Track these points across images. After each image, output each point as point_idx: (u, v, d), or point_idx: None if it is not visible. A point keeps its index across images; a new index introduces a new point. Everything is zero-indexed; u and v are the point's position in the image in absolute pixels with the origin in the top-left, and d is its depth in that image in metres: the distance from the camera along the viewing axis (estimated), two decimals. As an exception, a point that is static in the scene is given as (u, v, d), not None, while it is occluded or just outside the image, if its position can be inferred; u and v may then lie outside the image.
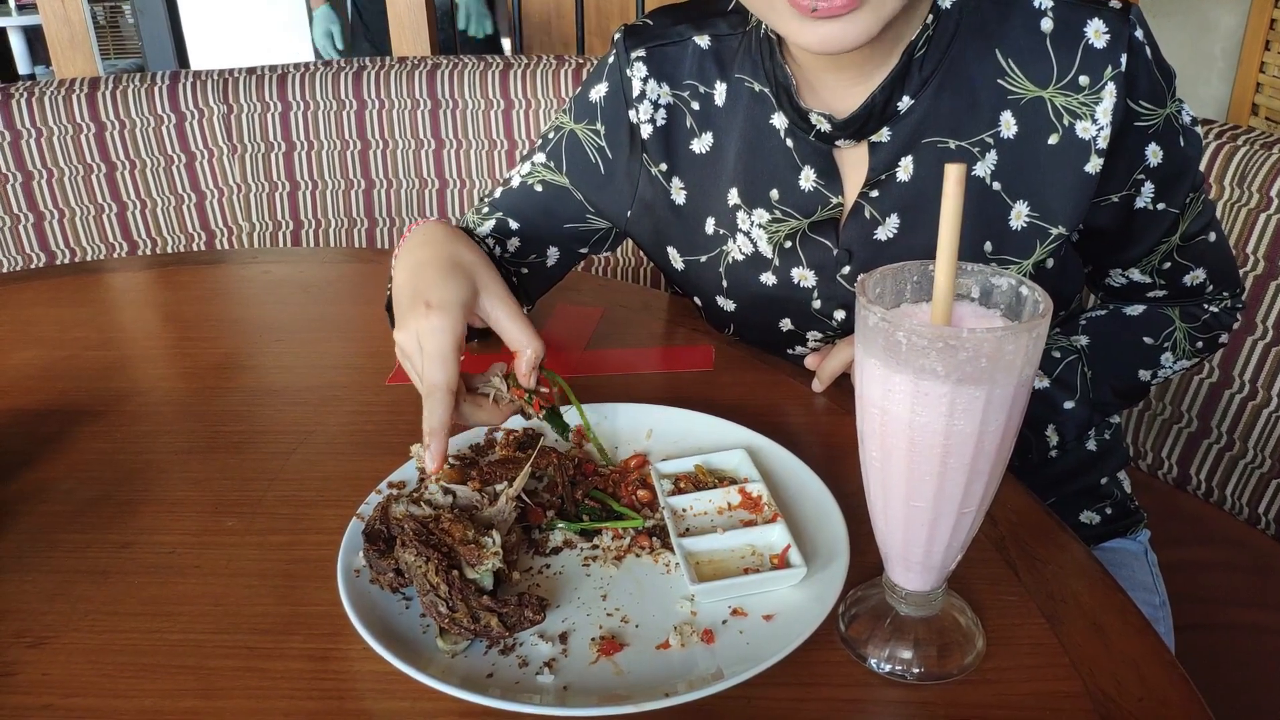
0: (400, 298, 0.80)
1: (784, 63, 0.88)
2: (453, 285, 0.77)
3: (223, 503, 0.79)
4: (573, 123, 1.01)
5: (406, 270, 0.81)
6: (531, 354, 0.77)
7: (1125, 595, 0.67)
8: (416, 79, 1.74)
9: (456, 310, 0.75)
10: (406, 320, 0.76)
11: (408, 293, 0.78)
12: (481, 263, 0.80)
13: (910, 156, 0.88)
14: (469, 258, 0.80)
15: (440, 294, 0.76)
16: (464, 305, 0.76)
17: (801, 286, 0.94)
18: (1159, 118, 0.84)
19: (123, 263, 1.49)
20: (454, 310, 0.75)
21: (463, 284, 0.78)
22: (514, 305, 0.79)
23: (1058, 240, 0.87)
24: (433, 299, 0.76)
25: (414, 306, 0.76)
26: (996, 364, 0.52)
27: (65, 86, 1.75)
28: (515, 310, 0.78)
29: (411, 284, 0.79)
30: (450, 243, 0.82)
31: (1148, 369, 0.98)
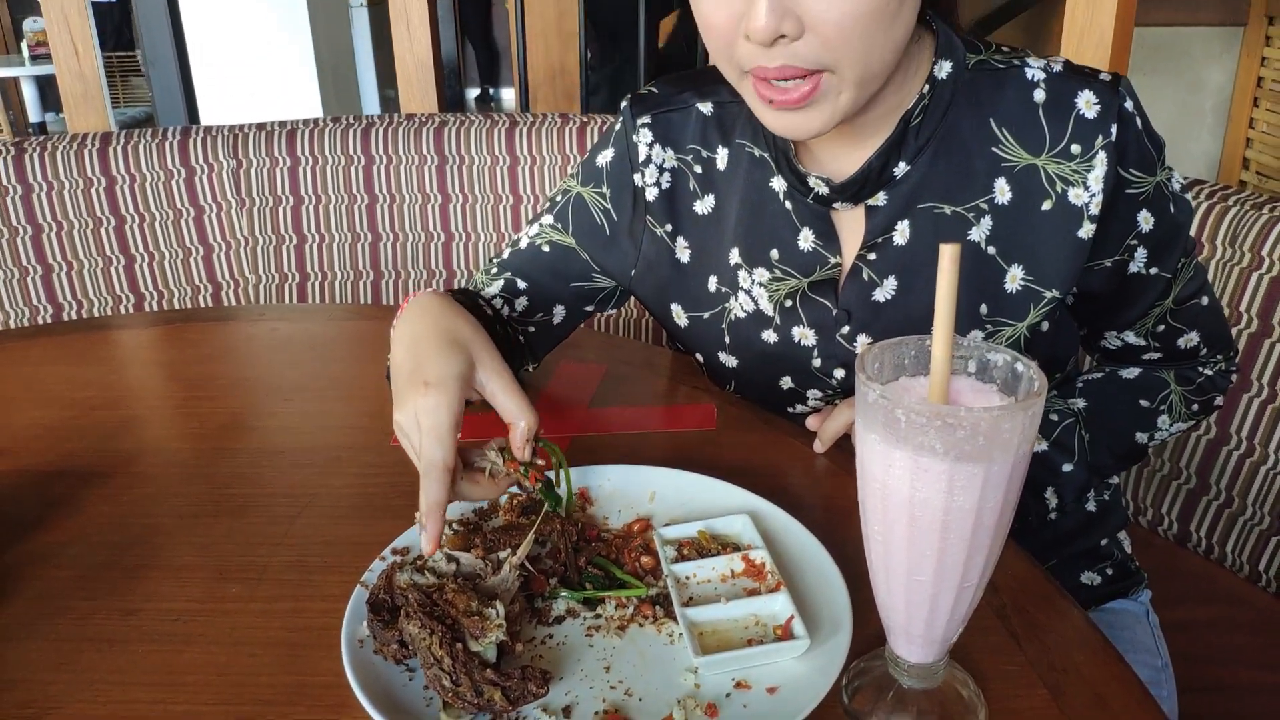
0: (398, 375, 0.81)
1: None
2: (449, 360, 0.78)
3: (228, 568, 0.79)
4: (579, 186, 1.03)
5: (403, 345, 0.82)
6: (525, 426, 0.77)
7: (1127, 665, 0.67)
8: (424, 135, 1.77)
9: (454, 386, 0.76)
10: (405, 399, 0.77)
11: (406, 370, 0.79)
12: (477, 336, 0.82)
13: (906, 221, 0.89)
14: (465, 332, 0.82)
15: (437, 370, 0.77)
16: (461, 380, 0.77)
17: (802, 345, 0.95)
18: (1149, 185, 0.86)
19: (131, 319, 1.50)
20: (451, 387, 0.76)
21: (459, 358, 0.78)
22: (509, 378, 0.80)
23: (1052, 303, 0.89)
24: (430, 376, 0.76)
25: (412, 384, 0.77)
26: (994, 441, 0.53)
27: (77, 141, 1.77)
28: (510, 383, 0.79)
29: (409, 360, 0.80)
30: (446, 316, 0.83)
31: (1145, 432, 0.99)
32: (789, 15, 0.74)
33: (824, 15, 0.74)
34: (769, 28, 0.73)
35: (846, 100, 0.79)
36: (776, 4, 0.73)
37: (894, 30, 0.77)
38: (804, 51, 0.75)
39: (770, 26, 0.73)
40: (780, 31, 0.74)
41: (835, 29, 0.74)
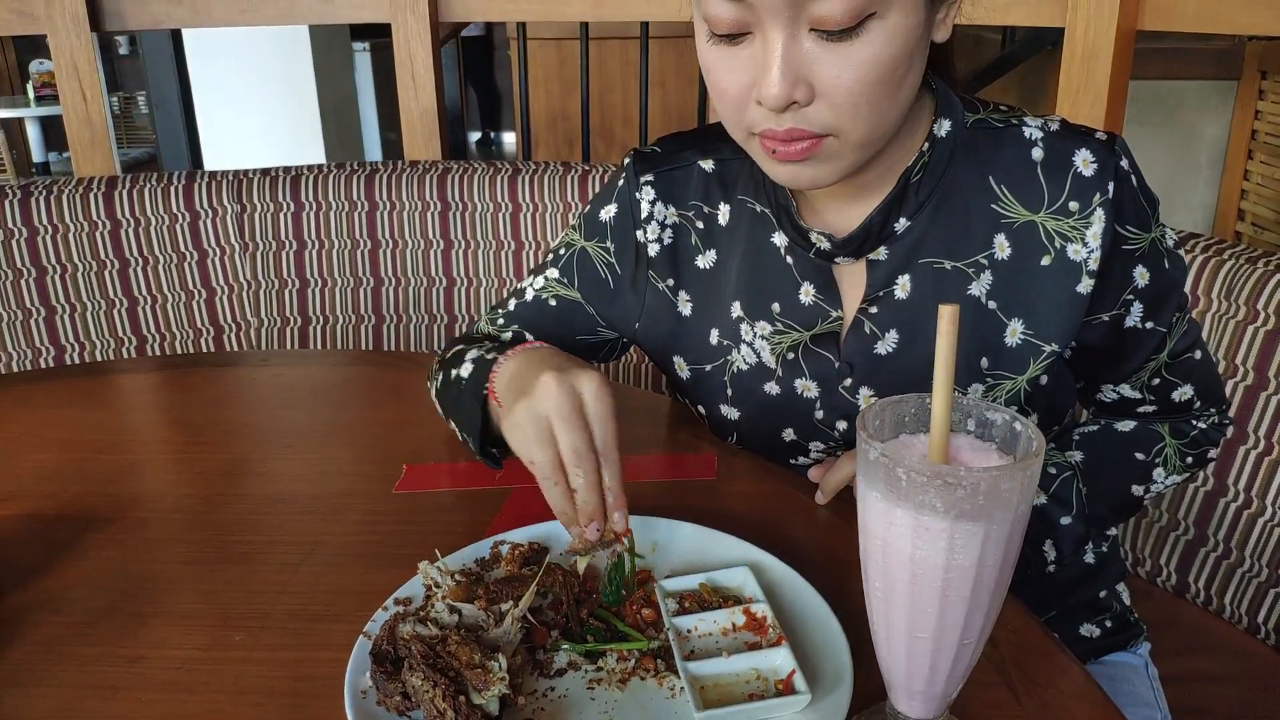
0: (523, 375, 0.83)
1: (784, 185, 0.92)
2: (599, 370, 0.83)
3: (231, 616, 0.80)
4: (583, 240, 1.05)
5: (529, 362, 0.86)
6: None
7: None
8: (428, 182, 1.79)
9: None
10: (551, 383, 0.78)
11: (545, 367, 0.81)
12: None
13: (907, 275, 0.91)
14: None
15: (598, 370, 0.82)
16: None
17: (804, 397, 0.96)
18: (1145, 241, 0.88)
19: (134, 363, 1.51)
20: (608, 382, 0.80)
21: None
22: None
23: (1051, 357, 0.90)
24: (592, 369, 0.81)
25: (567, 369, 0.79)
26: (994, 501, 0.54)
27: (83, 185, 1.79)
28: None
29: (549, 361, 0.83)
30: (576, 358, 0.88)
31: (1140, 484, 1.00)
32: (801, 82, 0.76)
33: (836, 82, 0.76)
34: (782, 95, 0.75)
35: (849, 160, 0.82)
36: (789, 71, 0.75)
37: (900, 95, 0.80)
38: (813, 116, 0.78)
39: (783, 94, 0.75)
40: (793, 99, 0.76)
41: (845, 95, 0.76)
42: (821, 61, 0.76)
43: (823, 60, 0.76)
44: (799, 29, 0.75)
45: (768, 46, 0.76)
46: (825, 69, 0.75)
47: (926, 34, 0.80)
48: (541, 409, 0.77)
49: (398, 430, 1.13)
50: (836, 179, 0.83)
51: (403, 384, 1.27)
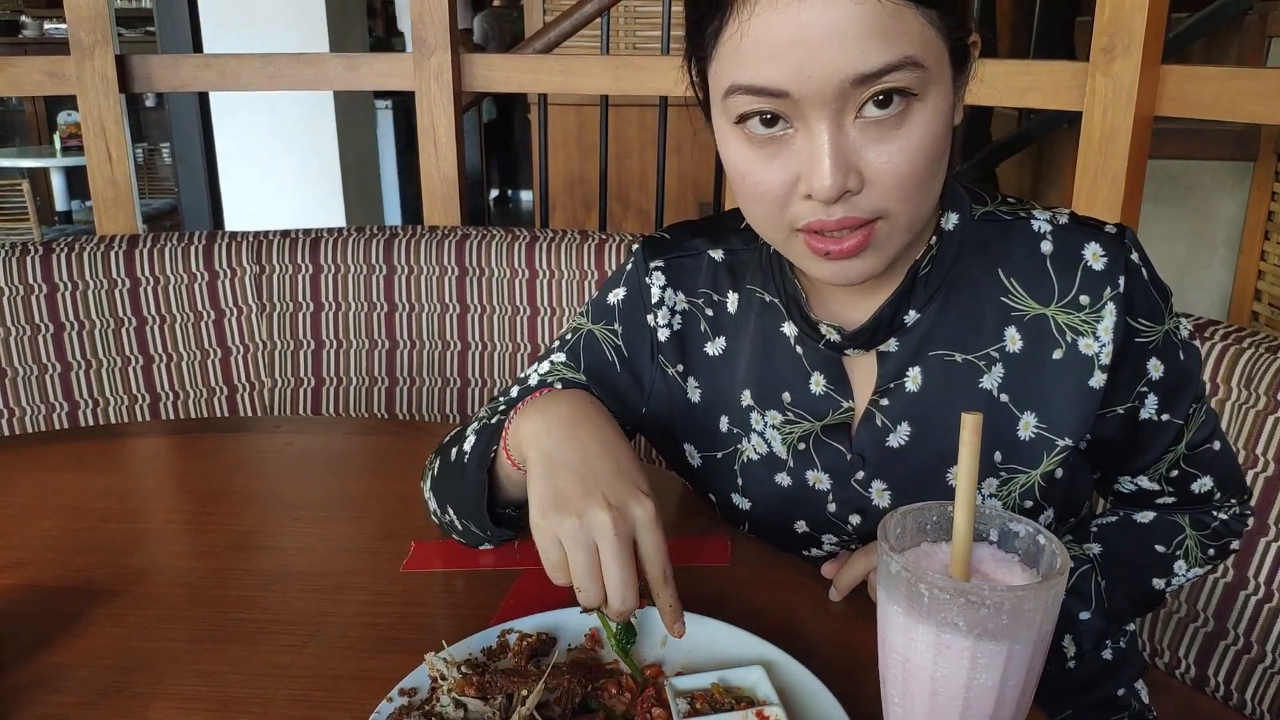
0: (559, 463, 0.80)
1: (794, 277, 0.92)
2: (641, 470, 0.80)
3: (233, 700, 0.78)
4: (590, 323, 1.04)
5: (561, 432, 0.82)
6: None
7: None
8: (446, 247, 1.81)
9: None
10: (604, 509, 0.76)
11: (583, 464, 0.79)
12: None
13: (918, 368, 0.90)
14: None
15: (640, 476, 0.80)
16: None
17: (816, 489, 0.95)
18: (1158, 334, 0.88)
19: (148, 427, 1.51)
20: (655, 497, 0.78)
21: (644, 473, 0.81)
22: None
23: (1065, 451, 0.89)
24: (643, 484, 0.79)
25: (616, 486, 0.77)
26: (1017, 620, 0.52)
27: (105, 243, 1.81)
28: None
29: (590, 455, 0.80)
30: (608, 423, 0.85)
31: (1161, 578, 0.98)
32: (852, 171, 0.75)
33: (885, 166, 0.75)
34: (836, 185, 0.74)
35: (897, 244, 0.80)
36: (841, 161, 0.74)
37: (941, 175, 0.80)
38: (863, 202, 0.76)
39: (837, 184, 0.74)
40: (846, 188, 0.75)
41: (895, 178, 0.75)
42: (870, 149, 0.75)
43: (871, 148, 0.75)
44: (845, 118, 0.74)
45: (814, 140, 0.75)
46: (875, 156, 0.75)
47: (954, 114, 0.80)
48: (592, 539, 0.76)
49: (407, 504, 1.12)
50: (879, 270, 0.81)
51: (414, 454, 1.26)
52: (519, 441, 0.85)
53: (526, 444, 0.83)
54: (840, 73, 0.72)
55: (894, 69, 0.72)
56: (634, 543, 0.77)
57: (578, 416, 0.84)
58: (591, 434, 0.82)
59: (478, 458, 0.92)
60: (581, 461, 0.80)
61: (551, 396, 0.87)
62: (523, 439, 0.84)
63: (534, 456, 0.82)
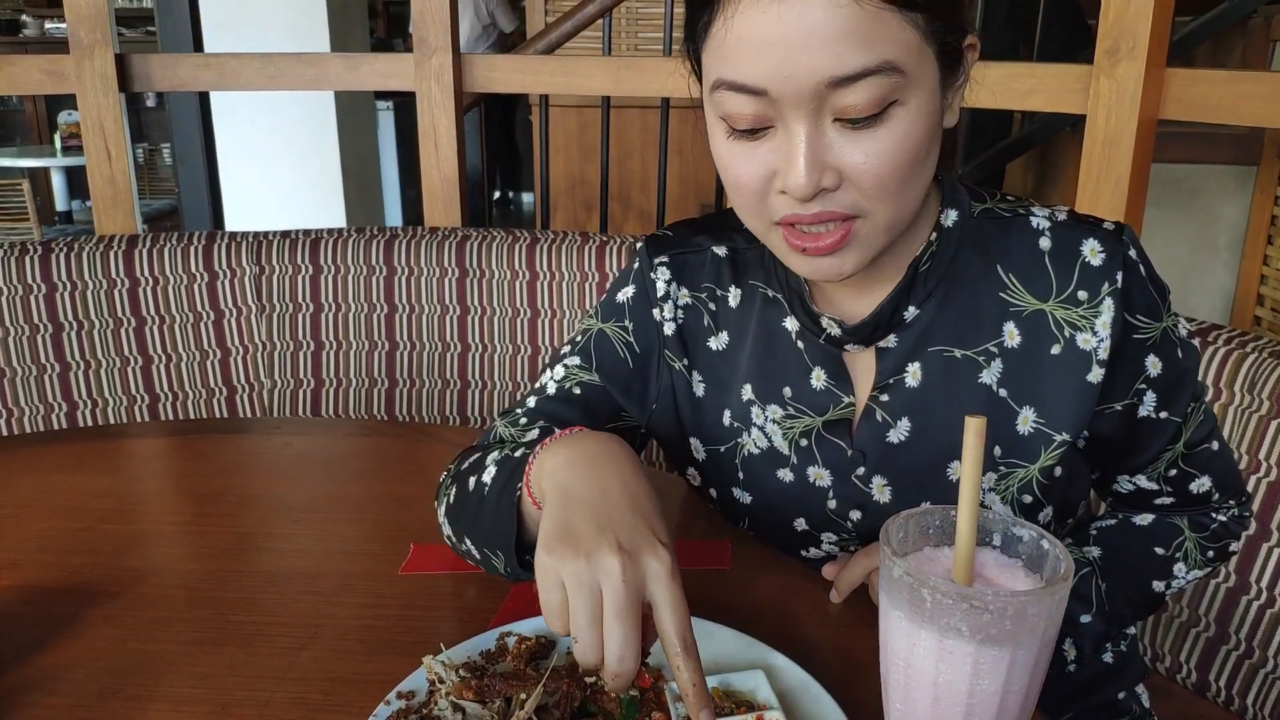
0: (577, 501, 0.73)
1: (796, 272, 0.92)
2: (662, 521, 0.73)
3: (230, 703, 0.78)
4: (600, 323, 1.04)
5: (583, 471, 0.76)
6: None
7: None
8: (446, 248, 1.80)
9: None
10: (615, 553, 0.68)
11: (602, 501, 0.73)
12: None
13: (918, 363, 0.90)
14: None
15: (660, 526, 0.72)
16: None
17: (817, 486, 0.95)
18: (1156, 331, 0.88)
19: (146, 428, 1.50)
20: (673, 551, 0.70)
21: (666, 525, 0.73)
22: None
23: (1063, 446, 0.89)
24: (663, 534, 0.71)
25: (634, 531, 0.70)
26: (1020, 625, 0.52)
27: (104, 243, 1.80)
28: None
29: (611, 496, 0.74)
30: (634, 467, 0.78)
31: (1161, 580, 0.98)
32: (828, 170, 0.76)
33: (862, 167, 0.75)
34: (810, 184, 0.75)
35: (877, 243, 0.81)
36: (816, 161, 0.75)
37: (923, 174, 0.80)
38: (841, 199, 0.77)
39: (811, 183, 0.75)
40: (820, 186, 0.76)
41: (873, 178, 0.76)
42: (847, 149, 0.75)
43: (848, 148, 0.75)
44: (823, 119, 0.75)
45: (791, 138, 0.76)
46: (851, 156, 0.75)
47: (941, 117, 0.80)
48: (596, 583, 0.68)
49: (406, 506, 1.12)
50: (863, 267, 0.82)
51: (414, 456, 1.26)
52: (540, 477, 0.80)
53: (547, 479, 0.78)
54: (816, 74, 0.72)
55: (870, 73, 0.72)
56: (645, 601, 0.70)
57: (603, 456, 0.78)
58: (615, 474, 0.76)
59: (497, 493, 0.87)
60: (599, 499, 0.73)
61: (580, 435, 0.82)
62: (544, 475, 0.79)
63: (551, 491, 0.77)
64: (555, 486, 0.76)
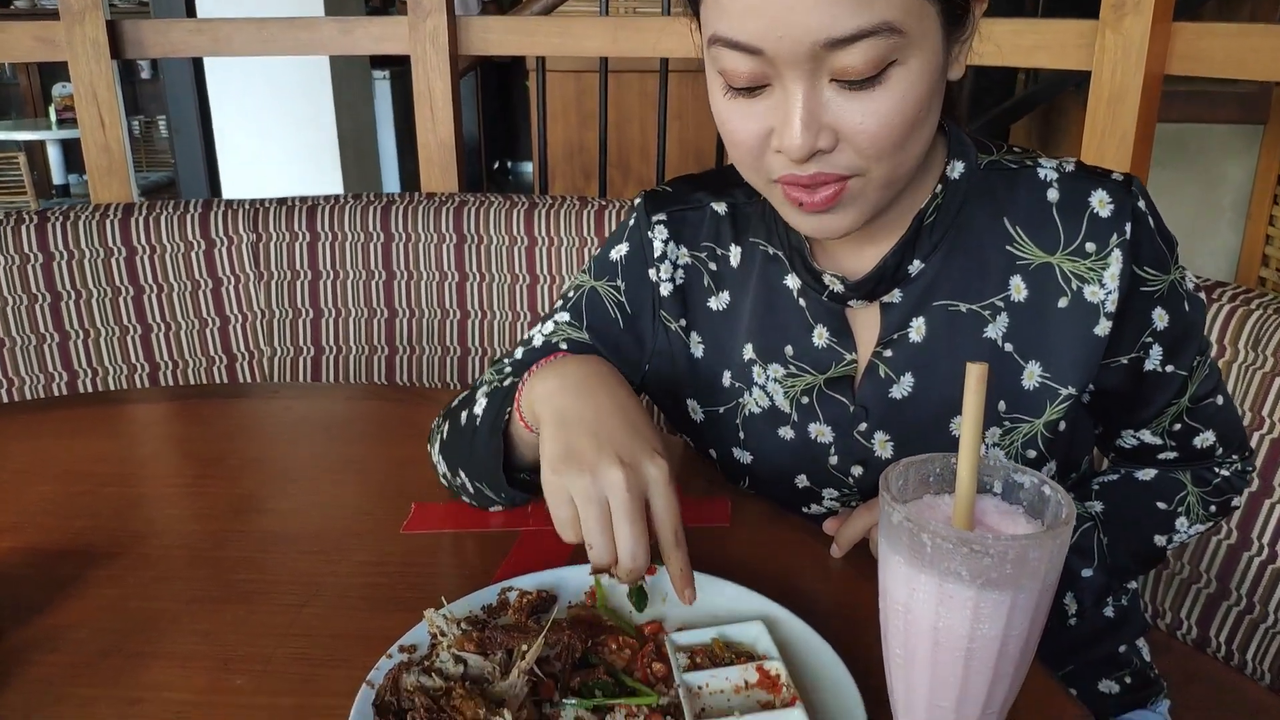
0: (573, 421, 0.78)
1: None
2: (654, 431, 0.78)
3: (232, 658, 0.78)
4: (593, 280, 1.03)
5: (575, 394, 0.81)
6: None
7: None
8: (444, 214, 1.79)
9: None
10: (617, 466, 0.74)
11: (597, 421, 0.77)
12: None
13: (922, 318, 0.90)
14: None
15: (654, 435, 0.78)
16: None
17: (819, 442, 0.95)
18: (1164, 283, 0.87)
19: (145, 394, 1.50)
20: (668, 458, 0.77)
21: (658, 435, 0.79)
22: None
23: (1068, 400, 0.88)
24: (652, 438, 0.77)
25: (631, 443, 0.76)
26: (1021, 569, 0.52)
27: (100, 212, 1.79)
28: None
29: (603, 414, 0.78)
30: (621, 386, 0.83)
31: (1163, 534, 0.98)
32: (824, 131, 0.75)
33: (860, 127, 0.74)
34: (805, 145, 0.74)
35: (874, 200, 0.80)
36: (812, 121, 0.74)
37: (922, 133, 0.79)
38: (838, 159, 0.76)
39: (806, 144, 0.74)
40: (816, 147, 0.75)
41: (870, 139, 0.75)
42: (844, 109, 0.74)
43: (845, 108, 0.74)
44: (820, 79, 0.74)
45: (788, 98, 0.75)
46: (848, 116, 0.74)
47: (944, 73, 0.79)
48: (603, 494, 0.74)
49: (407, 467, 1.12)
50: (861, 224, 0.82)
51: (414, 419, 1.25)
52: (532, 402, 0.83)
53: (540, 404, 0.82)
54: (811, 34, 0.71)
55: (868, 34, 0.71)
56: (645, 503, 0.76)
57: (593, 378, 0.83)
58: (606, 394, 0.81)
59: (490, 421, 0.91)
60: (595, 419, 0.78)
61: (566, 359, 0.86)
62: (536, 399, 0.83)
63: (547, 415, 0.80)
64: (550, 411, 0.80)
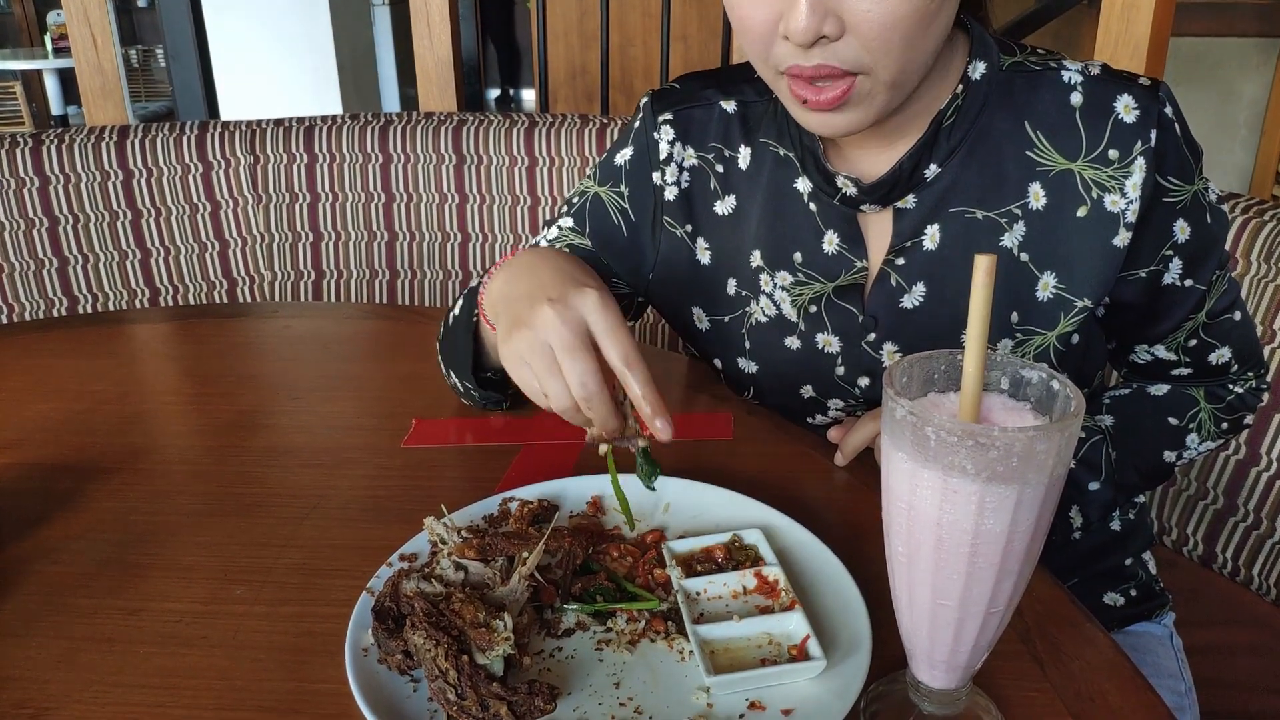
0: (515, 294, 0.77)
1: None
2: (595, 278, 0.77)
3: (232, 569, 0.78)
4: (597, 186, 1.01)
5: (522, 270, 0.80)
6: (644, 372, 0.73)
7: (1154, 693, 0.65)
8: (443, 134, 1.76)
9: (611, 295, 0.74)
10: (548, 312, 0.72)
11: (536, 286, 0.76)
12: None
13: (936, 225, 0.87)
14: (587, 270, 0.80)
15: (593, 279, 0.76)
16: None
17: (826, 352, 0.93)
18: (1187, 194, 0.84)
19: (144, 314, 1.49)
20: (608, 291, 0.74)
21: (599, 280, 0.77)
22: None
23: (1083, 313, 0.86)
24: (588, 281, 0.75)
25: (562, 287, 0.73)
26: (1028, 463, 0.50)
27: (95, 134, 1.76)
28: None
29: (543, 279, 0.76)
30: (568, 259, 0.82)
31: (1173, 450, 0.96)
32: (830, 16, 0.72)
33: (866, 16, 0.72)
34: (810, 28, 0.72)
35: (881, 101, 0.78)
36: (818, 4, 0.71)
37: (933, 31, 0.76)
38: (843, 52, 0.74)
39: (811, 27, 0.72)
40: (821, 33, 0.72)
41: (877, 29, 0.72)
42: None
43: None
44: None
45: None
46: (855, 2, 0.72)
47: None
48: (542, 339, 0.72)
49: (407, 384, 1.11)
50: (869, 124, 0.79)
51: (413, 338, 1.24)
52: (492, 301, 0.85)
53: (497, 299, 0.83)
54: None
55: None
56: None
57: (538, 259, 0.81)
58: (545, 264, 0.80)
59: (464, 320, 0.93)
60: (534, 286, 0.76)
61: (521, 252, 0.85)
62: (494, 298, 0.84)
63: (498, 303, 0.82)
64: (501, 298, 0.81)
